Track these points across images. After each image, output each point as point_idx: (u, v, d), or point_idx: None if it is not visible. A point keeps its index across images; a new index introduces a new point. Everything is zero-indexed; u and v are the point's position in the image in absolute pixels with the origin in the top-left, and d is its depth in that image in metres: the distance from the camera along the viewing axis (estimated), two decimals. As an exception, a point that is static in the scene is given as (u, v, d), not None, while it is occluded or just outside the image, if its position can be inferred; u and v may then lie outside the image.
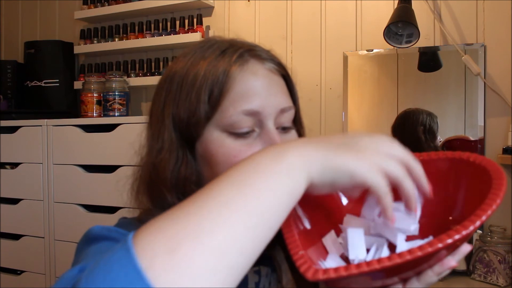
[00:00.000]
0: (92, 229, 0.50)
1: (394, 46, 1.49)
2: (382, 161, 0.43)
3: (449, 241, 0.38)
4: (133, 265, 0.30)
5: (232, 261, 0.33)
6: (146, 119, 0.62)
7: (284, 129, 0.59)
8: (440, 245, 0.37)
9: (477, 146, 1.48)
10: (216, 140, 0.55)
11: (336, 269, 0.38)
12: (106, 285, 0.30)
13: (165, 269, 0.30)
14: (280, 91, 0.58)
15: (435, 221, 0.50)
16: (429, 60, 1.59)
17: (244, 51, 0.58)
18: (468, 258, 1.36)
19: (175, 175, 0.56)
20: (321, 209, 0.54)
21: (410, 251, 0.37)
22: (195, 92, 0.55)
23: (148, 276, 0.30)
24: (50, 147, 1.76)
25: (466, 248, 0.44)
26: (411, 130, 1.57)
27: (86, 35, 2.12)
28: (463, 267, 1.36)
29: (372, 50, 1.65)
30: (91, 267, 0.32)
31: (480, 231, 1.41)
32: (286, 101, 0.58)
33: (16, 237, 1.84)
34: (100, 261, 0.32)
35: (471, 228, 0.39)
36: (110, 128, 1.65)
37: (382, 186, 0.42)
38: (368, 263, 0.37)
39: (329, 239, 0.51)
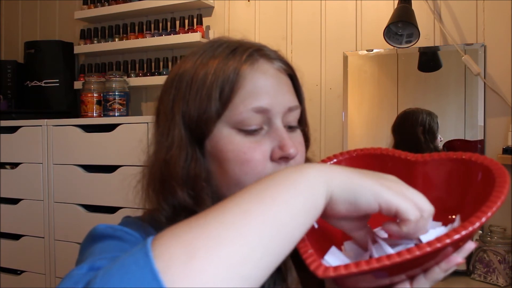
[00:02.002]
0: (96, 227, 0.51)
1: (394, 46, 1.49)
2: (410, 193, 0.43)
3: (457, 236, 0.38)
4: (150, 268, 0.31)
5: (246, 272, 0.34)
6: (153, 118, 0.63)
7: (290, 128, 0.60)
8: (448, 240, 0.38)
9: (477, 146, 1.48)
10: (226, 137, 0.56)
11: (346, 266, 0.38)
12: (122, 285, 0.31)
13: (180, 275, 0.31)
14: (287, 90, 0.60)
15: (439, 220, 0.51)
16: (429, 60, 1.59)
17: (253, 51, 0.59)
18: (468, 258, 1.36)
19: (185, 172, 0.56)
20: None
21: (419, 247, 0.38)
22: (205, 90, 0.56)
23: (163, 279, 0.31)
24: (50, 147, 1.76)
25: (470, 245, 0.44)
26: (411, 130, 1.57)
27: (86, 35, 2.12)
28: (463, 267, 1.36)
29: (372, 50, 1.65)
30: (108, 266, 0.33)
31: (480, 231, 1.41)
32: (293, 100, 0.60)
33: (16, 237, 1.84)
34: (117, 261, 0.33)
35: (477, 224, 0.39)
36: (110, 128, 1.65)
37: (411, 210, 0.42)
38: (378, 259, 0.38)
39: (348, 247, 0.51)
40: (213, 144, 0.57)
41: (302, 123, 0.64)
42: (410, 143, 1.57)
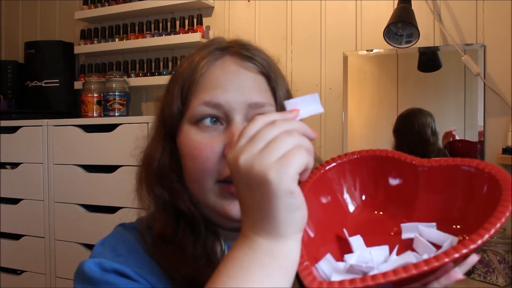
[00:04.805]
0: (85, 265, 0.50)
1: (394, 46, 1.49)
2: (284, 166, 0.38)
3: (457, 255, 0.37)
4: None
5: None
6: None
7: None
8: (447, 259, 0.37)
9: (477, 146, 1.48)
10: (185, 133, 0.57)
11: (340, 282, 0.38)
12: None
13: None
14: (252, 87, 0.57)
15: (441, 228, 0.50)
16: (429, 60, 1.59)
17: (223, 48, 0.59)
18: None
19: (160, 164, 0.59)
20: (324, 215, 0.53)
21: (415, 265, 0.37)
22: (172, 88, 0.59)
23: None
24: (50, 147, 1.76)
25: (473, 258, 0.43)
26: (421, 132, 1.56)
27: (86, 35, 2.12)
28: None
29: (372, 50, 1.65)
30: None
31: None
32: (258, 97, 0.57)
33: (16, 237, 1.84)
34: None
35: (479, 242, 0.38)
36: (110, 128, 1.65)
37: (295, 189, 0.38)
38: (373, 277, 0.37)
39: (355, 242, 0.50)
40: (179, 140, 0.59)
41: None
42: (416, 145, 1.57)
